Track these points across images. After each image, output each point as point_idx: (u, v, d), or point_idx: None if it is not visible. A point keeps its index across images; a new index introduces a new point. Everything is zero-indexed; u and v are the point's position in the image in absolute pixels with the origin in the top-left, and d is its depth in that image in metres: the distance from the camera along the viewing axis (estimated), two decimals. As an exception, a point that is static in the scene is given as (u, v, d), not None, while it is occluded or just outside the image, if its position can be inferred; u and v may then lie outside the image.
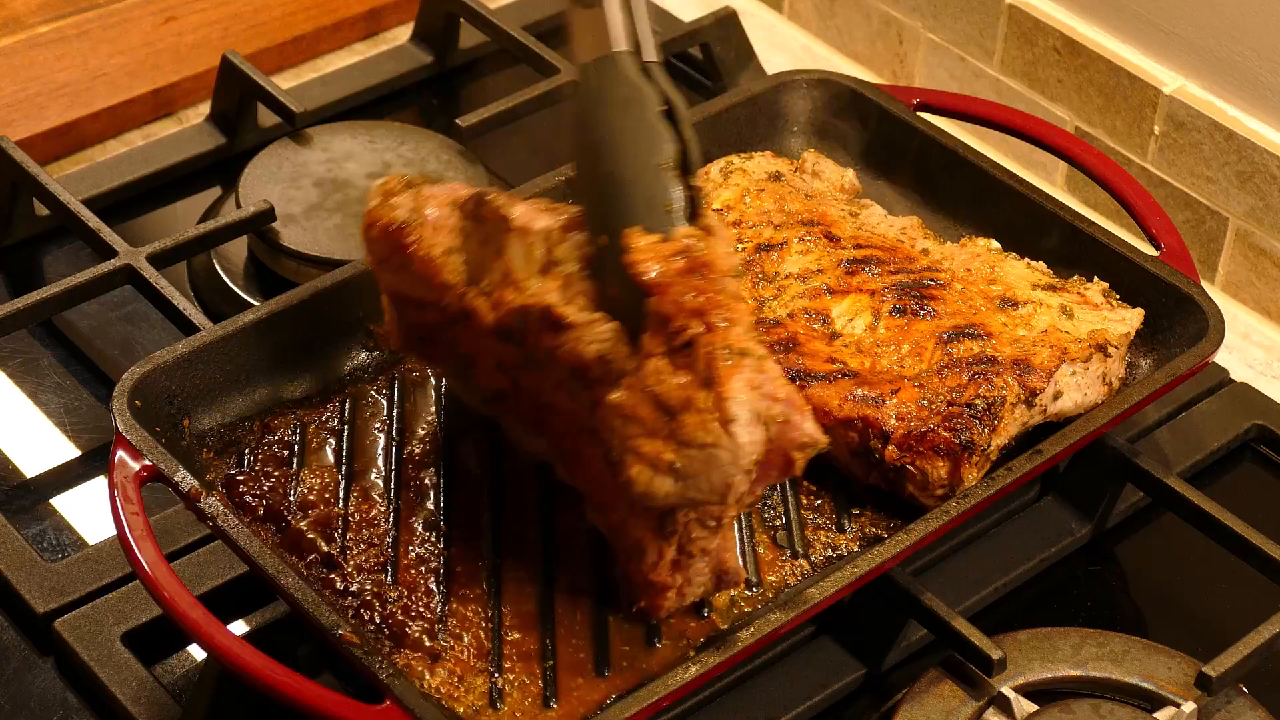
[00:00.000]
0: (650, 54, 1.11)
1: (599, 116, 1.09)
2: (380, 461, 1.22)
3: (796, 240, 1.32)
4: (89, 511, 1.32)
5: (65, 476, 1.35)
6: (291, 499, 1.18)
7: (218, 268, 1.49)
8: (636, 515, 1.08)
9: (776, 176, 1.39)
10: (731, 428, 1.03)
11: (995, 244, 1.35)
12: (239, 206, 1.48)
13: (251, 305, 1.37)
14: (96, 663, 1.18)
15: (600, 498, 1.11)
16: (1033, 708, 1.16)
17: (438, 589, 1.13)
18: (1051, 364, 1.22)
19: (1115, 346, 1.25)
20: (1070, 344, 1.24)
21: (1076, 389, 1.24)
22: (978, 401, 1.19)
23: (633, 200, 1.07)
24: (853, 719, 1.20)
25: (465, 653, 1.11)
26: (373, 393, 1.27)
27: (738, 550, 1.15)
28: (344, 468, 1.21)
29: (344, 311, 1.29)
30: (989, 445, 1.19)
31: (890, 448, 1.19)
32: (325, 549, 1.15)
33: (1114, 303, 1.29)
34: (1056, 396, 1.23)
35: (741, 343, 1.04)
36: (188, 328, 1.33)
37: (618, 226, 1.06)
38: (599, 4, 1.08)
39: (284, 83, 1.68)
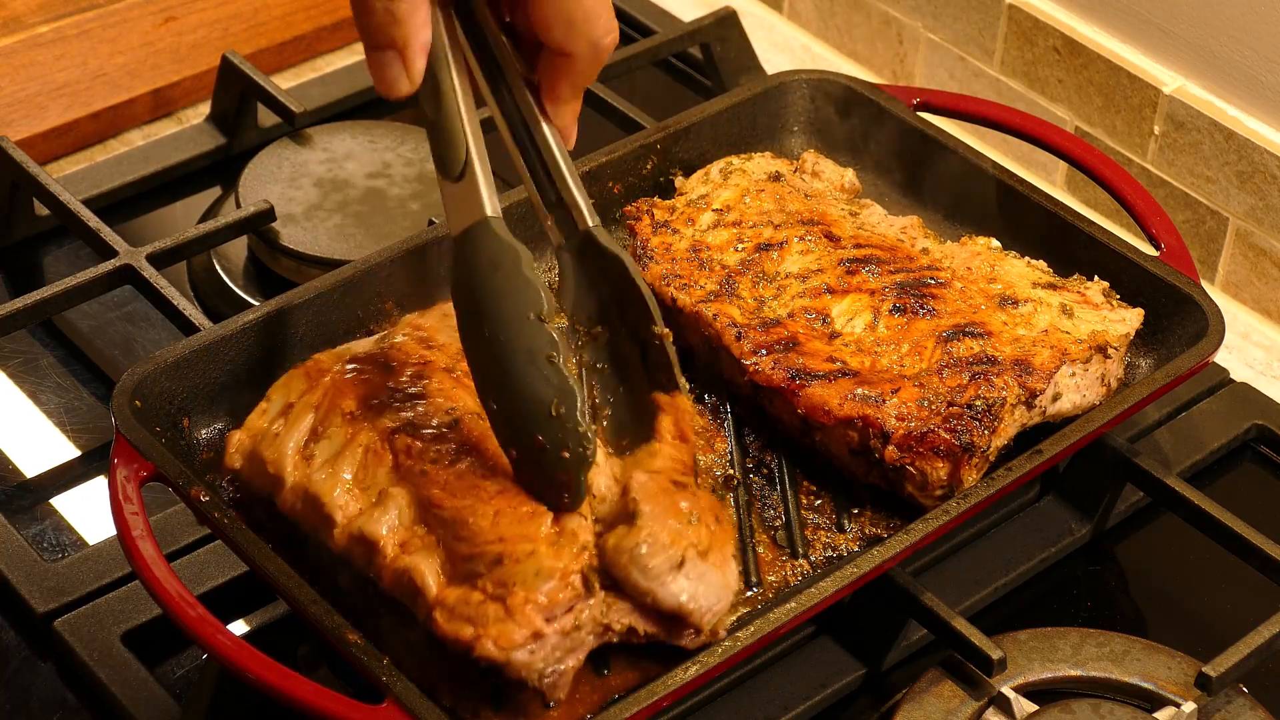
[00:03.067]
0: (587, 219, 1.12)
1: (471, 282, 1.09)
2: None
3: (796, 240, 1.32)
4: (89, 511, 1.32)
5: (65, 476, 1.35)
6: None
7: (218, 268, 1.49)
8: (557, 548, 1.06)
9: (776, 176, 1.39)
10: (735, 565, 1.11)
11: (995, 243, 1.35)
12: (239, 206, 1.48)
13: (251, 305, 1.37)
14: (96, 663, 1.18)
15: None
16: (1033, 708, 1.16)
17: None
18: (1052, 365, 1.22)
19: (1115, 348, 1.25)
20: (1070, 345, 1.24)
21: (1075, 390, 1.24)
22: (978, 402, 1.19)
23: (513, 358, 1.07)
24: (852, 719, 1.20)
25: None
26: (373, 393, 1.27)
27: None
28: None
29: (344, 312, 1.29)
30: (988, 447, 1.19)
31: (890, 448, 1.18)
32: (326, 548, 1.15)
33: (1114, 302, 1.29)
34: (1056, 398, 1.23)
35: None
36: (188, 328, 1.33)
37: (505, 389, 1.08)
38: (466, 177, 1.08)
39: (284, 83, 1.68)
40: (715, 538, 1.10)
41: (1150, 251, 1.34)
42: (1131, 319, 1.28)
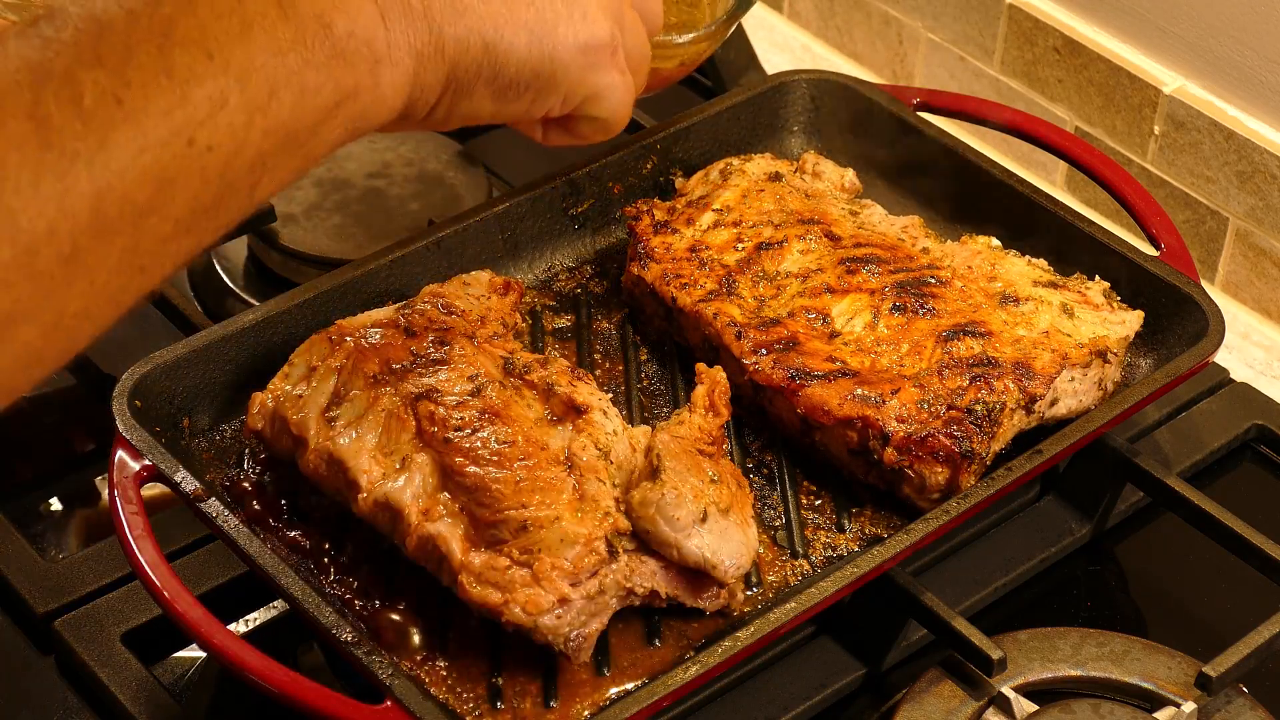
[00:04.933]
0: None
1: None
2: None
3: (796, 239, 1.32)
4: (89, 511, 1.32)
5: (65, 476, 1.35)
6: (292, 499, 1.18)
7: (218, 268, 1.49)
8: (580, 514, 1.09)
9: (776, 177, 1.39)
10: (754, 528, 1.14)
11: (995, 241, 1.34)
12: (239, 206, 1.48)
13: (251, 305, 1.37)
14: (96, 663, 1.18)
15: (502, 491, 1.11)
16: (1033, 708, 1.16)
17: (438, 588, 1.13)
18: (1052, 369, 1.22)
19: (1115, 353, 1.25)
20: (1071, 348, 1.24)
21: (1073, 395, 1.24)
22: (978, 407, 1.19)
23: None
24: (853, 719, 1.20)
25: (465, 652, 1.11)
26: (373, 393, 1.27)
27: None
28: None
29: (343, 312, 1.28)
30: (987, 453, 1.19)
31: (890, 450, 1.18)
32: (326, 548, 1.16)
33: (1114, 304, 1.29)
34: (1053, 402, 1.23)
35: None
36: (188, 328, 1.33)
37: None
38: None
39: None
40: (736, 499, 1.13)
41: (1150, 251, 1.34)
42: (1131, 321, 1.28)
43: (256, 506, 1.18)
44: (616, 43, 1.06)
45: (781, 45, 1.80)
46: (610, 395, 1.21)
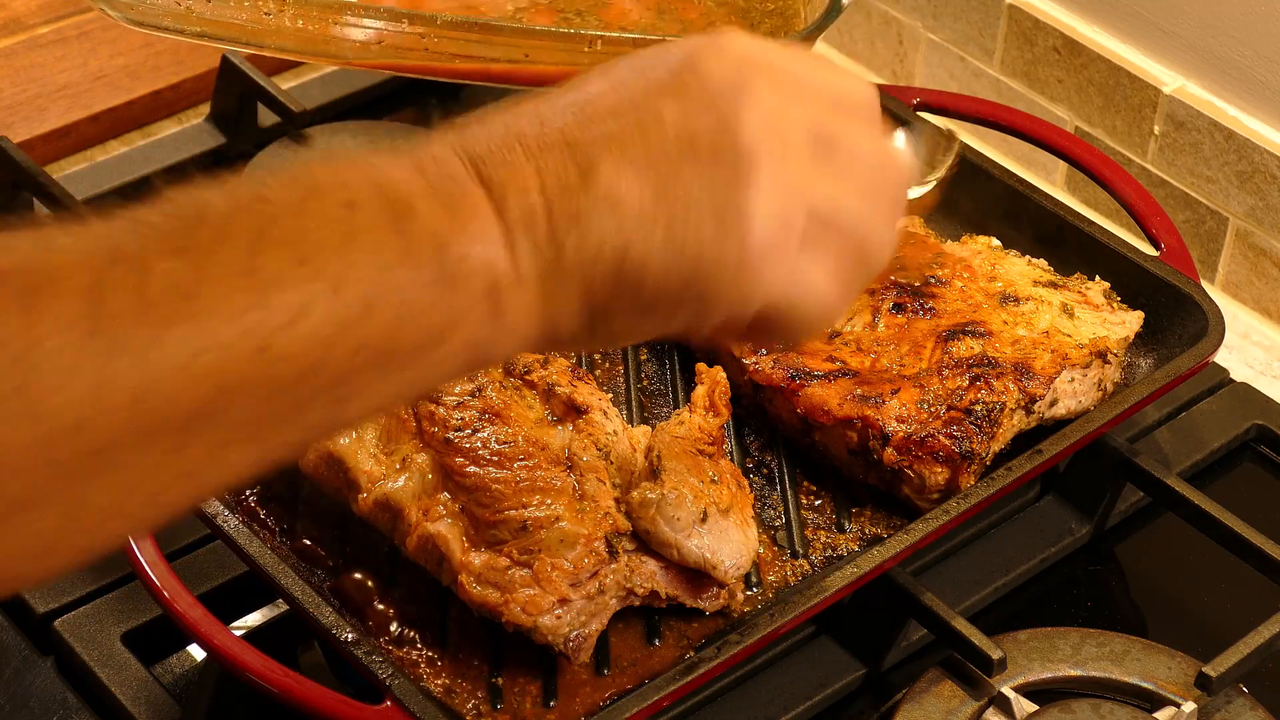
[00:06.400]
0: None
1: None
2: (380, 461, 1.22)
3: (796, 240, 1.32)
4: (89, 512, 1.32)
5: (65, 477, 1.35)
6: (292, 499, 1.18)
7: (218, 268, 1.49)
8: (580, 514, 1.09)
9: (776, 176, 1.39)
10: (754, 528, 1.15)
11: (996, 241, 1.34)
12: (239, 207, 1.48)
13: (251, 305, 1.37)
14: (96, 663, 1.18)
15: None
16: (1033, 708, 1.16)
17: (438, 587, 1.13)
18: (1052, 370, 1.22)
19: (1115, 354, 1.25)
20: (1071, 349, 1.24)
21: (1072, 395, 1.24)
22: (977, 407, 1.19)
23: None
24: (852, 719, 1.20)
25: (465, 652, 1.11)
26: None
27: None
28: (344, 468, 1.21)
29: (344, 312, 1.29)
30: (987, 453, 1.19)
31: (889, 450, 1.18)
32: (324, 548, 1.16)
33: (1114, 304, 1.29)
34: (1053, 402, 1.23)
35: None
36: (188, 328, 1.33)
37: None
38: None
39: (284, 83, 1.68)
40: (736, 499, 1.14)
41: (1150, 251, 1.34)
42: (1131, 321, 1.28)
43: (256, 506, 1.18)
44: (793, 225, 0.82)
45: (781, 45, 1.79)
46: (610, 395, 1.21)
